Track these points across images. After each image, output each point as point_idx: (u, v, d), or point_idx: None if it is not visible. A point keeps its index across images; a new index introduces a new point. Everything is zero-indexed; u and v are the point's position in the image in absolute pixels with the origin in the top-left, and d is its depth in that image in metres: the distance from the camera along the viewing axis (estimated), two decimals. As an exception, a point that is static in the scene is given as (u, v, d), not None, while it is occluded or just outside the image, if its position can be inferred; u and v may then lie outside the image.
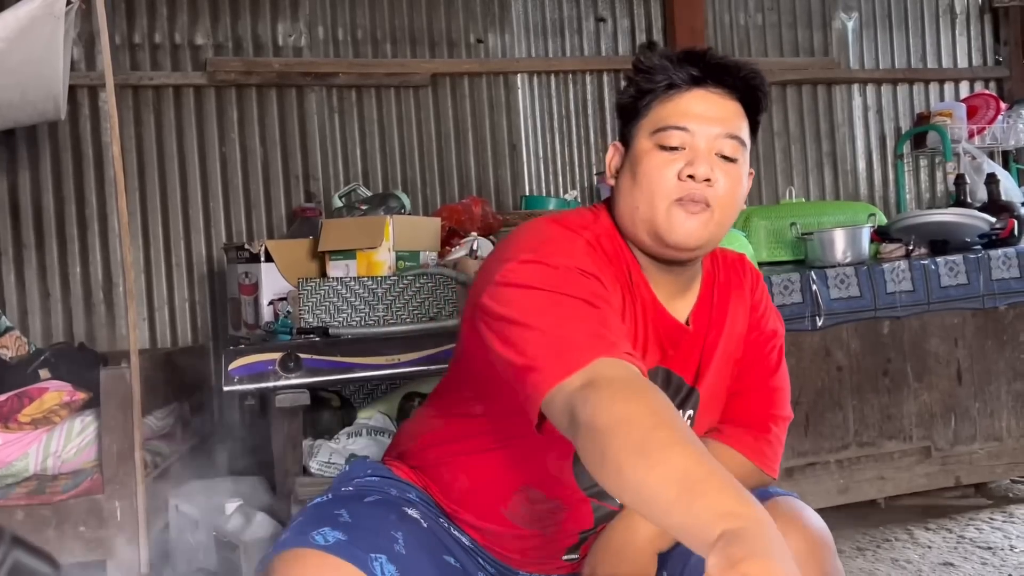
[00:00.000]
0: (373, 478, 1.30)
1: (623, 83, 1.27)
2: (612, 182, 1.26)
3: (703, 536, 0.79)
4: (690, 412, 1.28)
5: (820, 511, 2.88)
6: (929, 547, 2.65)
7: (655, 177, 1.17)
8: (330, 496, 1.20)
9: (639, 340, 1.21)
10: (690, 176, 1.15)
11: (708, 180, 1.16)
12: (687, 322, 1.27)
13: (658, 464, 0.85)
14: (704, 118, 1.18)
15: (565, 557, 1.28)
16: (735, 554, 0.75)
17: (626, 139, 1.24)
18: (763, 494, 1.23)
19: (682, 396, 1.28)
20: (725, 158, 1.18)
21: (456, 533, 1.26)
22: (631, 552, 1.20)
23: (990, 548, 2.61)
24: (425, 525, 1.20)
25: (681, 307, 1.27)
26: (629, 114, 1.24)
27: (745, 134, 1.21)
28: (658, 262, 1.23)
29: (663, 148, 1.18)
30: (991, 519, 2.87)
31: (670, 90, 1.20)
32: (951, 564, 2.51)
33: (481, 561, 1.26)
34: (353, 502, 1.17)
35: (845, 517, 2.88)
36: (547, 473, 1.23)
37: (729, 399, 1.32)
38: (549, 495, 1.24)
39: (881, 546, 2.67)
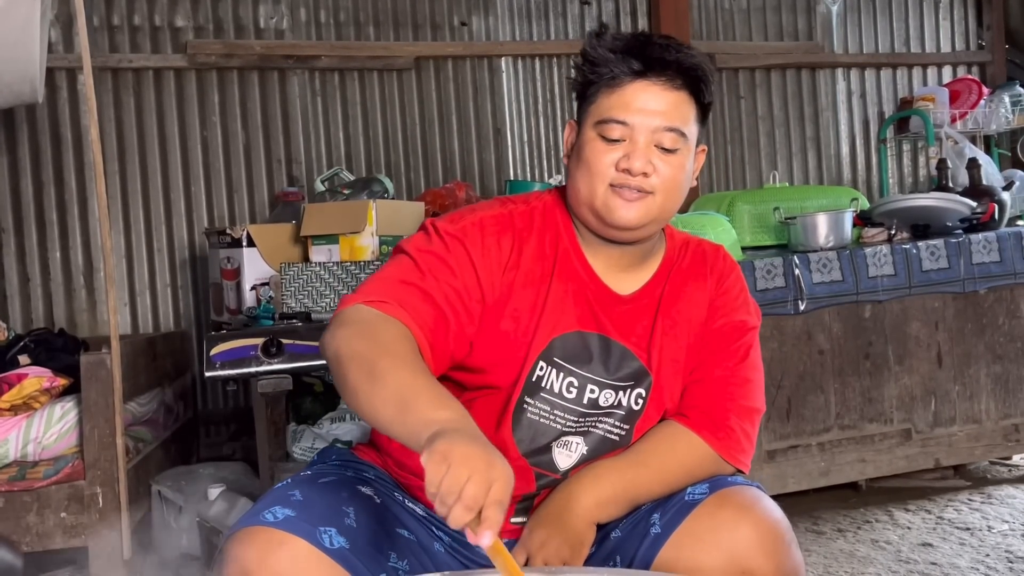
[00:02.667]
0: (335, 463, 1.34)
1: (572, 69, 1.31)
2: (566, 160, 1.33)
3: (417, 443, 0.97)
4: (640, 391, 1.30)
5: (802, 493, 2.90)
6: (909, 528, 2.68)
7: (594, 165, 1.24)
8: (288, 480, 1.23)
9: (557, 303, 1.27)
10: (626, 169, 1.21)
11: (645, 173, 1.22)
12: (630, 296, 1.31)
13: (381, 388, 1.05)
14: (644, 111, 1.22)
15: (513, 520, 1.29)
16: (438, 447, 0.93)
17: (579, 121, 1.30)
18: (721, 482, 1.23)
19: (631, 369, 1.29)
20: (665, 149, 1.23)
21: (411, 505, 1.29)
22: (569, 519, 1.22)
23: (968, 529, 2.65)
24: (378, 501, 1.22)
25: (628, 281, 1.32)
26: (579, 98, 1.30)
27: (689, 124, 1.25)
28: (603, 239, 1.29)
29: (604, 139, 1.23)
30: (970, 500, 2.90)
31: (613, 81, 1.23)
32: (930, 545, 2.54)
33: (435, 530, 1.28)
34: (307, 484, 1.19)
35: (826, 499, 2.91)
36: (490, 439, 1.24)
37: (690, 386, 1.33)
38: None
39: (861, 527, 2.70)
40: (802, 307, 2.76)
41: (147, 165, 3.65)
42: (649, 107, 1.22)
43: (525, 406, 1.27)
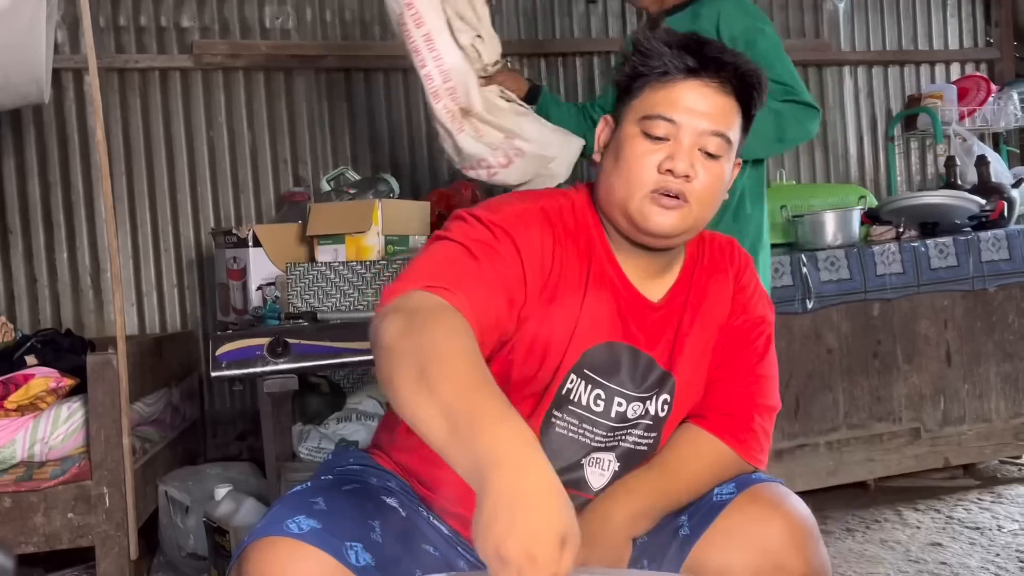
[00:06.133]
0: (354, 467, 1.28)
1: (617, 59, 1.26)
2: (598, 157, 1.26)
3: (474, 478, 0.85)
4: (665, 397, 1.26)
5: (810, 492, 2.89)
6: (918, 528, 2.66)
7: (635, 165, 1.17)
8: (308, 484, 1.18)
9: (592, 312, 1.20)
10: (669, 170, 1.16)
11: (687, 176, 1.16)
12: (660, 302, 1.27)
13: (430, 397, 0.90)
14: (693, 111, 1.17)
15: None
16: (488, 489, 0.82)
17: (617, 116, 1.23)
18: (747, 480, 1.22)
19: (655, 378, 1.26)
20: (709, 155, 1.18)
21: (436, 522, 1.24)
22: (605, 537, 1.19)
23: (978, 528, 2.63)
24: (404, 514, 1.18)
25: (656, 287, 1.27)
26: (622, 92, 1.23)
27: (734, 131, 1.20)
28: (632, 244, 1.23)
29: (648, 136, 1.17)
30: (979, 500, 2.88)
31: (663, 77, 1.18)
32: (939, 544, 2.52)
33: (461, 550, 1.24)
34: (330, 491, 1.14)
35: (835, 498, 2.90)
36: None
37: (712, 386, 1.30)
38: None
39: (870, 527, 2.69)
40: (810, 306, 2.75)
41: (153, 166, 3.65)
42: (699, 108, 1.16)
43: (554, 420, 1.22)
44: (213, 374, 2.22)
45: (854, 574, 2.35)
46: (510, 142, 2.21)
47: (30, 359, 2.55)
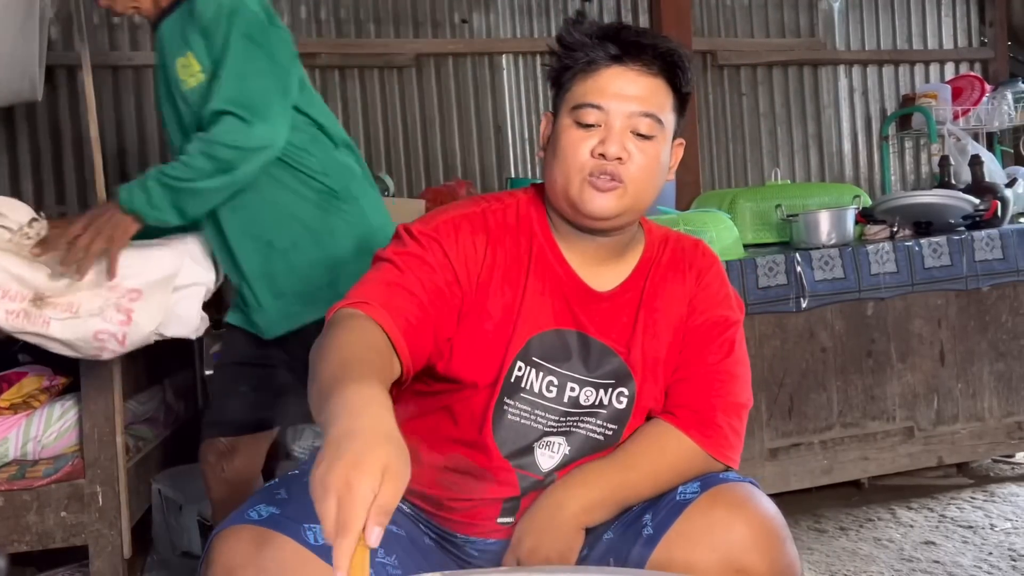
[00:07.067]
0: None
1: (547, 57, 1.30)
2: (542, 153, 1.31)
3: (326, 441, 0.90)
4: (623, 390, 1.28)
5: (804, 491, 2.89)
6: (911, 526, 2.67)
7: (570, 153, 1.22)
8: (276, 480, 1.23)
9: (534, 301, 1.26)
10: (602, 155, 1.20)
11: (620, 159, 1.20)
12: (610, 292, 1.30)
13: (313, 383, 1.01)
14: (620, 96, 1.21)
15: (499, 520, 1.29)
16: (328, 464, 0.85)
17: (555, 111, 1.28)
18: (713, 479, 1.22)
19: (612, 367, 1.28)
20: (640, 136, 1.21)
21: (400, 504, 1.28)
22: (556, 525, 1.21)
23: (971, 527, 2.64)
24: None
25: (607, 276, 1.31)
26: (555, 87, 1.28)
27: (666, 111, 1.23)
28: (579, 230, 1.28)
29: (580, 125, 1.22)
30: (972, 498, 2.89)
31: (589, 67, 1.22)
32: (933, 543, 2.53)
33: (423, 527, 1.29)
34: (293, 481, 1.18)
35: (829, 497, 2.90)
36: (472, 441, 1.26)
37: (675, 384, 1.31)
38: (475, 462, 1.26)
39: (864, 526, 2.69)
40: (804, 305, 2.75)
41: (147, 164, 3.64)
42: (625, 92, 1.21)
43: (505, 407, 1.25)
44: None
45: (848, 572, 2.36)
46: (112, 292, 1.79)
47: (23, 357, 2.54)
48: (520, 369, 1.25)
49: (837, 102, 4.64)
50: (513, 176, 4.07)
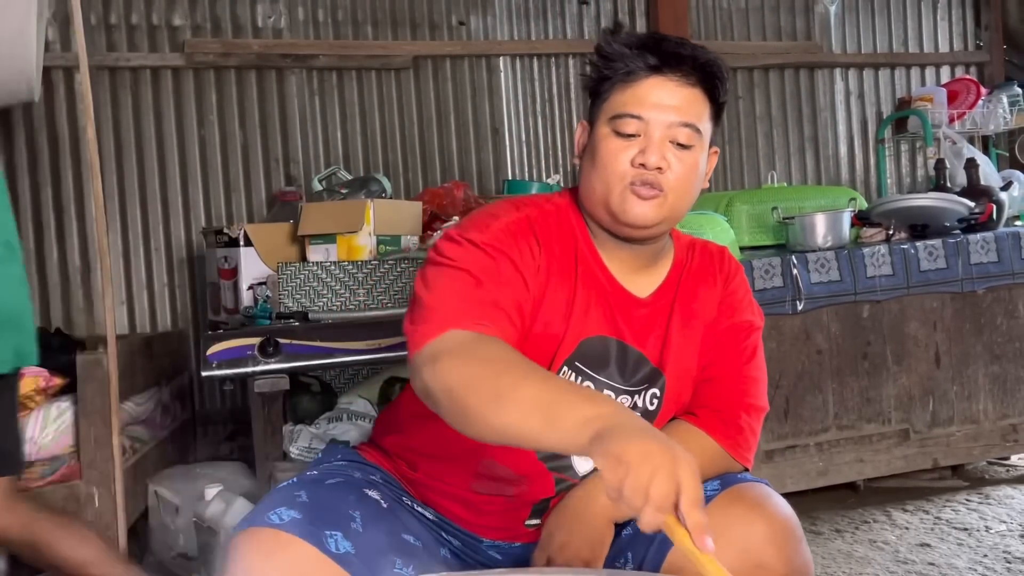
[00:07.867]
0: (340, 462, 1.33)
1: (586, 66, 1.30)
2: (578, 161, 1.32)
3: (578, 447, 0.92)
4: (655, 391, 1.31)
5: (800, 493, 2.90)
6: (906, 528, 2.68)
7: (610, 162, 1.23)
8: (295, 480, 1.22)
9: (583, 307, 1.26)
10: (642, 164, 1.21)
11: (660, 168, 1.21)
12: (647, 299, 1.32)
13: (514, 403, 0.98)
14: (659, 106, 1.21)
15: (528, 523, 1.30)
16: (611, 449, 0.87)
17: (591, 119, 1.29)
18: (731, 479, 1.25)
19: (644, 373, 1.30)
20: (680, 145, 1.22)
21: (420, 510, 1.29)
22: (587, 519, 1.22)
23: (966, 529, 2.64)
24: (385, 505, 1.21)
25: (643, 283, 1.32)
26: (592, 96, 1.28)
27: (703, 121, 1.24)
28: (616, 238, 1.28)
29: (619, 135, 1.23)
30: (967, 501, 2.90)
31: (628, 77, 1.23)
32: (928, 545, 2.54)
33: (444, 535, 1.29)
34: (314, 485, 1.19)
35: (824, 499, 2.91)
36: (509, 447, 1.25)
37: (701, 385, 1.34)
38: (512, 468, 1.27)
39: (859, 528, 2.70)
40: (800, 307, 2.76)
41: (144, 164, 3.64)
42: (664, 102, 1.22)
43: None
44: (204, 374, 2.22)
45: (843, 574, 2.36)
46: None
47: (19, 358, 2.54)
48: (563, 373, 1.26)
49: (833, 105, 4.65)
50: (510, 178, 4.07)
